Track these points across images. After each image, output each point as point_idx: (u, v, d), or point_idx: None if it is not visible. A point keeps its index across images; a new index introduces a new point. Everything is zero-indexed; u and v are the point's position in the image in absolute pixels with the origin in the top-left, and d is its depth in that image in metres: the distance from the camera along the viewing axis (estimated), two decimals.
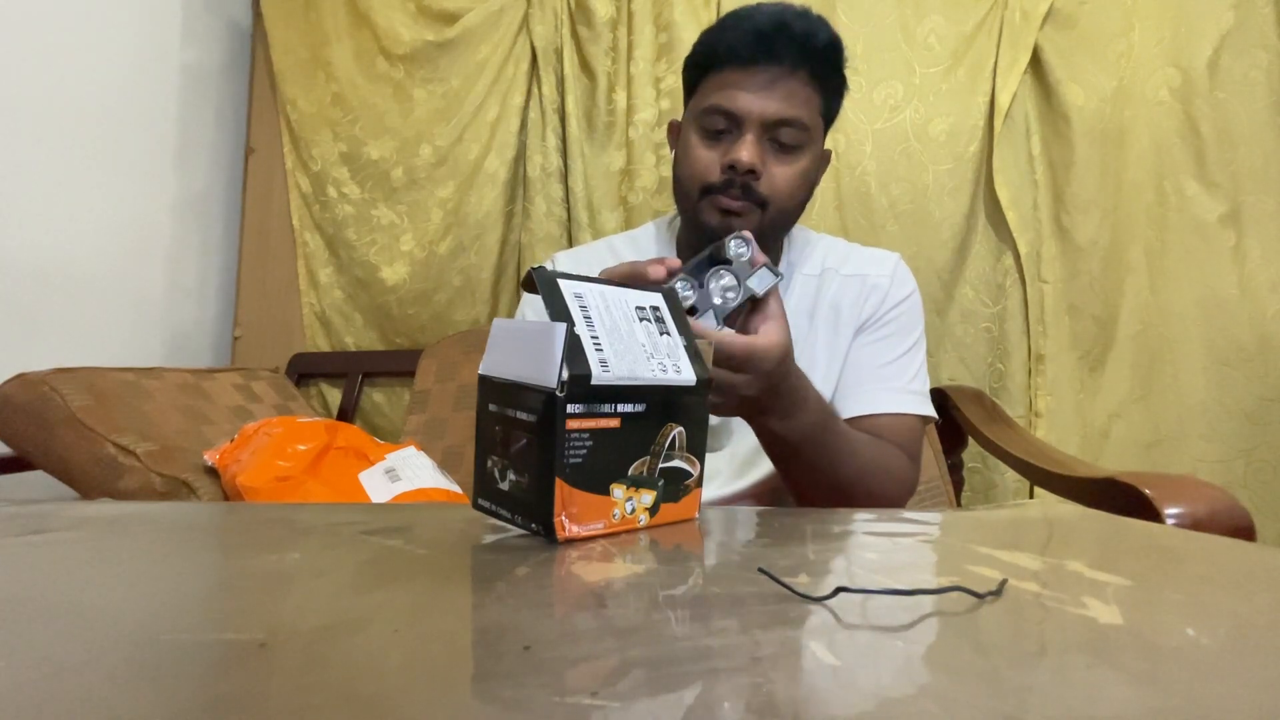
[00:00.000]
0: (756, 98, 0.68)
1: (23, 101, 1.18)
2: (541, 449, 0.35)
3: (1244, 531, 0.60)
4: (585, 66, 1.48)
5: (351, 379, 1.54)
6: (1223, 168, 1.25)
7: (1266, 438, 1.22)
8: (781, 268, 0.81)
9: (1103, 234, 1.30)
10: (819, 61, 0.69)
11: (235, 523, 0.44)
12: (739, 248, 0.54)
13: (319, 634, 0.23)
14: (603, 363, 0.36)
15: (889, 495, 0.68)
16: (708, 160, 0.71)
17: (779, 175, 0.70)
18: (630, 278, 0.51)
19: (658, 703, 0.18)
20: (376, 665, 0.20)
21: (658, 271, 0.50)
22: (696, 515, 0.43)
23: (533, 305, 0.78)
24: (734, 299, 0.53)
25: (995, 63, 1.31)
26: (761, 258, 0.54)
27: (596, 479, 0.36)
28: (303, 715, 0.17)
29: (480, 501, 0.39)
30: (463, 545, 0.37)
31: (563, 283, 0.39)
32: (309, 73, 1.60)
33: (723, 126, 0.70)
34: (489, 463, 0.38)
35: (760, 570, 0.29)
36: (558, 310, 0.37)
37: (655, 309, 0.43)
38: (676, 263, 0.52)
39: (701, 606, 0.27)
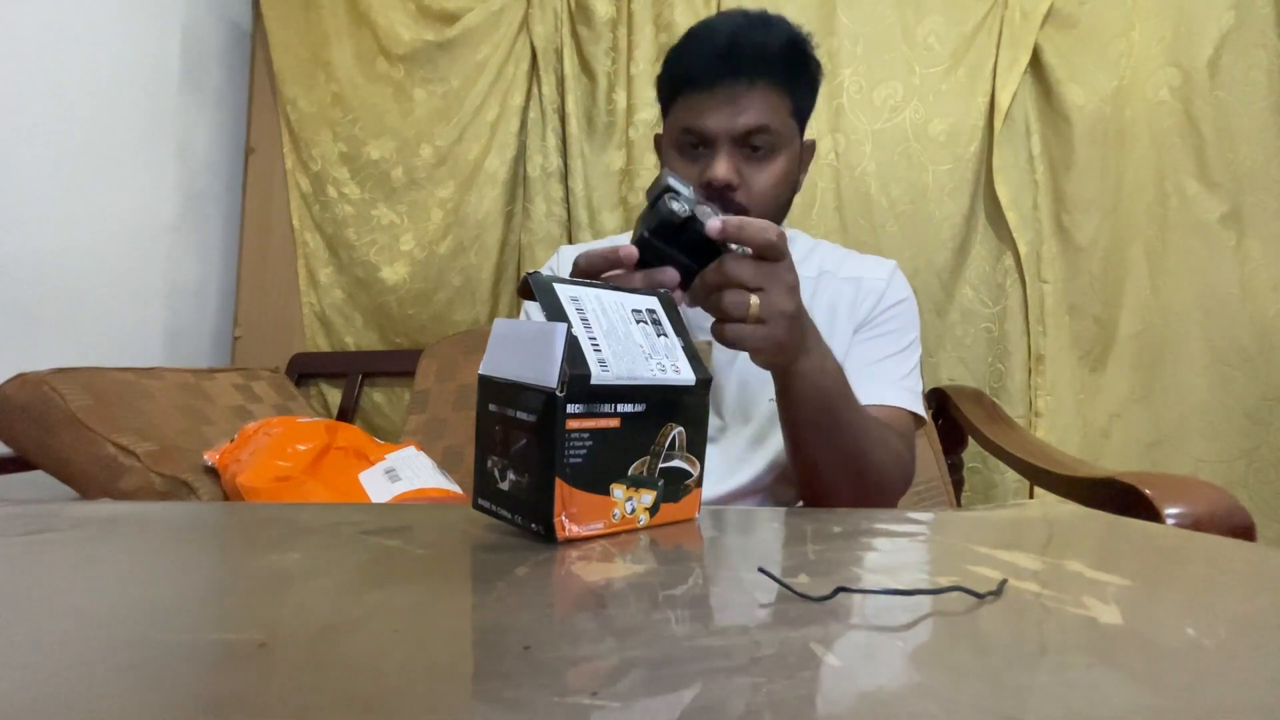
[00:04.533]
0: (722, 116, 0.70)
1: (23, 102, 1.18)
2: (541, 449, 0.35)
3: (1244, 532, 0.60)
4: (585, 66, 1.48)
5: (351, 379, 1.54)
6: (1223, 167, 1.25)
7: (1267, 438, 1.22)
8: None
9: (1103, 234, 1.30)
10: (779, 68, 0.71)
11: (235, 523, 0.44)
12: (675, 202, 0.51)
13: (319, 634, 0.23)
14: (602, 363, 0.36)
15: (892, 476, 0.67)
16: (687, 177, 0.73)
17: (756, 182, 0.72)
18: (607, 260, 0.51)
19: (658, 703, 0.18)
20: (376, 665, 0.20)
21: (629, 253, 0.51)
22: (697, 515, 0.43)
23: (535, 312, 0.79)
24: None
25: (995, 63, 1.31)
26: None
27: (596, 479, 0.36)
28: (303, 715, 0.17)
29: (480, 501, 0.39)
30: (463, 545, 0.37)
31: (559, 286, 0.39)
32: (309, 73, 1.60)
33: (696, 143, 0.73)
34: (489, 463, 0.38)
35: (760, 570, 0.29)
36: (555, 314, 0.37)
37: (651, 312, 0.43)
38: (633, 252, 0.51)
39: (701, 606, 0.27)
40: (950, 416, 1.22)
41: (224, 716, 0.17)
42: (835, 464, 0.63)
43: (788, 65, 0.72)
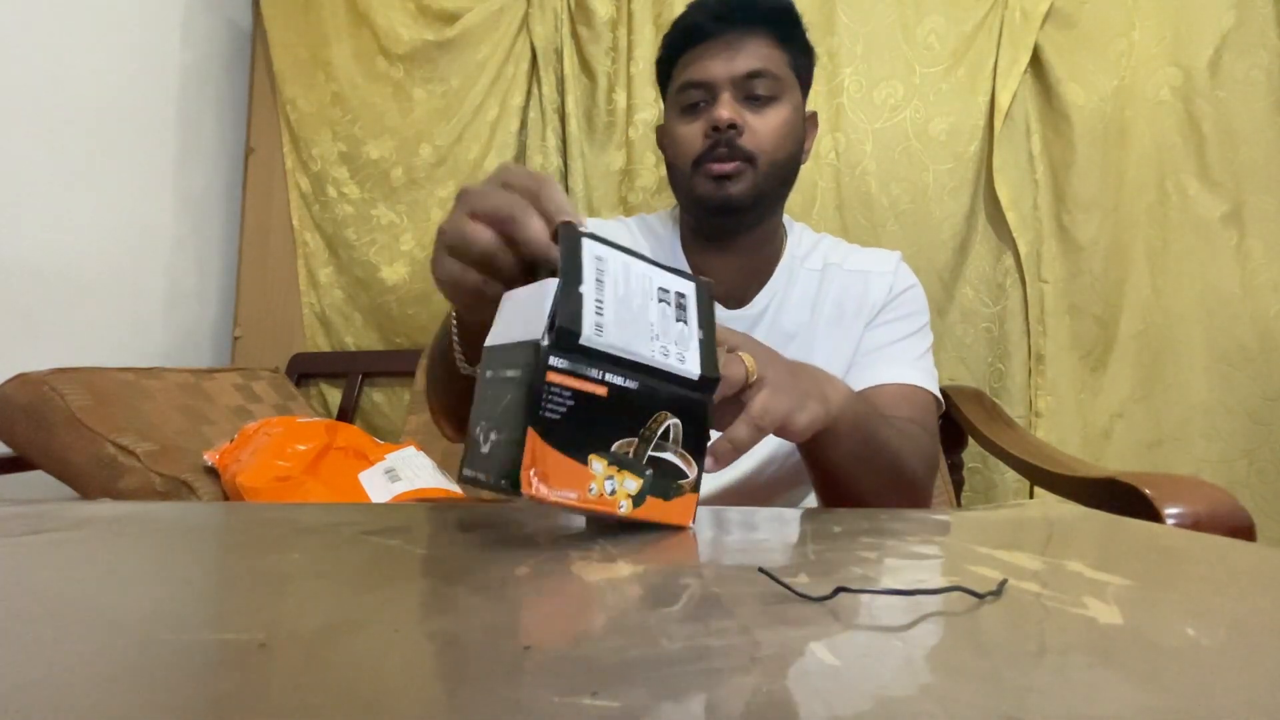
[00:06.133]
0: (722, 61, 0.72)
1: (23, 102, 1.18)
2: (523, 400, 0.34)
3: (1244, 532, 0.60)
4: (585, 66, 1.48)
5: (351, 379, 1.54)
6: (1224, 167, 1.25)
7: (1269, 437, 1.22)
8: (783, 260, 0.82)
9: (1104, 233, 1.30)
10: (773, 19, 0.73)
11: (235, 523, 0.44)
12: None
13: (319, 634, 0.23)
14: (598, 326, 0.35)
15: (924, 475, 0.65)
16: (691, 133, 0.74)
17: (760, 126, 0.72)
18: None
19: (658, 703, 0.18)
20: (376, 665, 0.20)
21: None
22: (691, 524, 0.40)
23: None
24: None
25: (995, 62, 1.31)
26: None
27: (574, 443, 0.35)
28: (303, 715, 0.17)
29: (464, 471, 0.38)
30: (463, 545, 0.37)
31: (587, 241, 0.37)
32: (309, 73, 1.60)
33: (699, 98, 0.73)
34: (477, 429, 0.37)
35: (760, 570, 0.29)
36: (571, 266, 0.35)
37: (680, 295, 0.40)
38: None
39: (701, 606, 0.27)
40: (950, 416, 1.22)
41: (224, 716, 0.17)
42: (878, 482, 0.59)
43: (780, 20, 0.74)
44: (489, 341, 0.38)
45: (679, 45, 0.76)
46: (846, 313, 0.78)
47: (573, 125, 1.47)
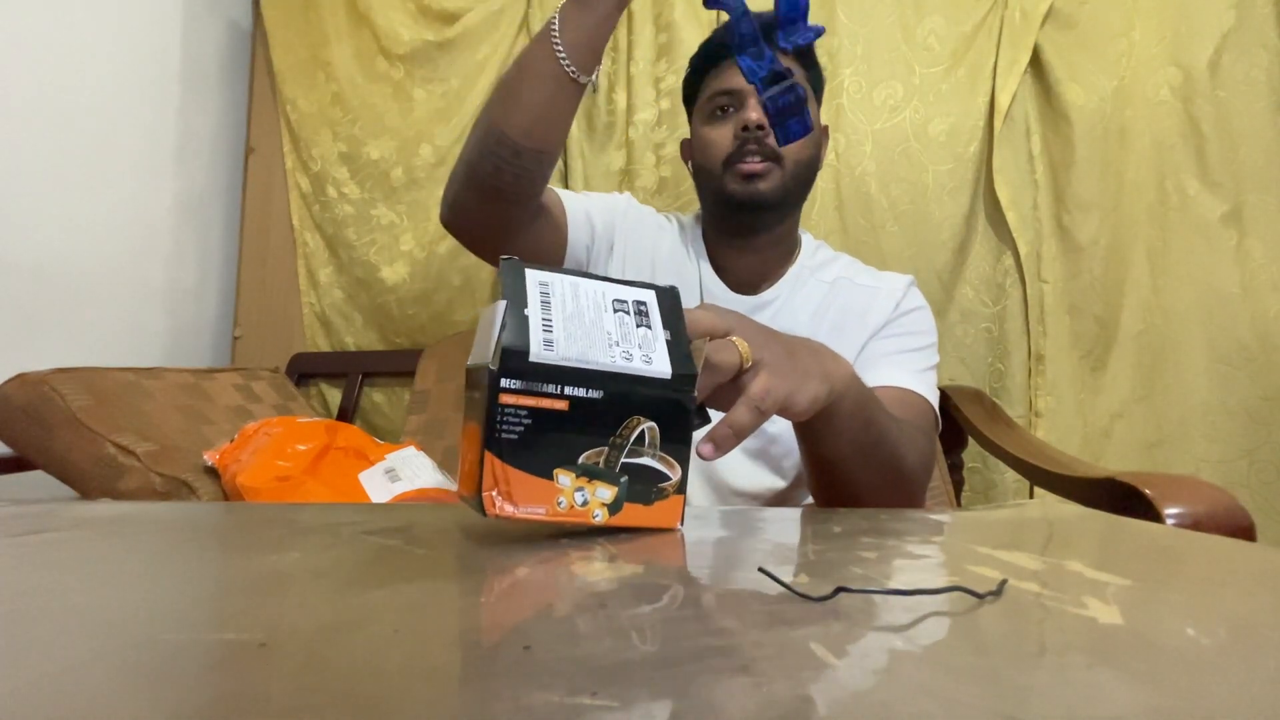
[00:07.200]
0: None
1: (23, 102, 1.18)
2: (479, 422, 0.35)
3: (1244, 532, 0.60)
4: None
5: (351, 379, 1.54)
6: (1224, 167, 1.25)
7: (1269, 438, 1.21)
8: (793, 268, 0.83)
9: (1104, 233, 1.30)
10: None
11: (235, 523, 0.44)
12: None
13: (319, 634, 0.23)
14: (547, 343, 0.35)
15: (921, 478, 0.65)
16: (721, 135, 0.79)
17: None
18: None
19: (658, 703, 0.18)
20: (376, 665, 0.20)
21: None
22: (679, 525, 0.39)
23: None
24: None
25: (995, 63, 1.31)
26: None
27: (537, 461, 0.35)
28: (303, 715, 0.17)
29: (459, 488, 0.40)
30: (463, 545, 0.37)
31: (530, 270, 0.39)
32: (309, 73, 1.60)
33: (726, 104, 0.80)
34: (462, 448, 0.39)
35: (760, 570, 0.29)
36: (515, 293, 0.37)
37: (640, 304, 0.41)
38: None
39: (701, 606, 0.27)
40: (950, 416, 1.22)
41: (224, 716, 0.17)
42: (875, 476, 0.58)
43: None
44: (469, 361, 0.39)
45: (706, 63, 0.82)
46: (849, 324, 0.80)
47: (572, 125, 1.47)
